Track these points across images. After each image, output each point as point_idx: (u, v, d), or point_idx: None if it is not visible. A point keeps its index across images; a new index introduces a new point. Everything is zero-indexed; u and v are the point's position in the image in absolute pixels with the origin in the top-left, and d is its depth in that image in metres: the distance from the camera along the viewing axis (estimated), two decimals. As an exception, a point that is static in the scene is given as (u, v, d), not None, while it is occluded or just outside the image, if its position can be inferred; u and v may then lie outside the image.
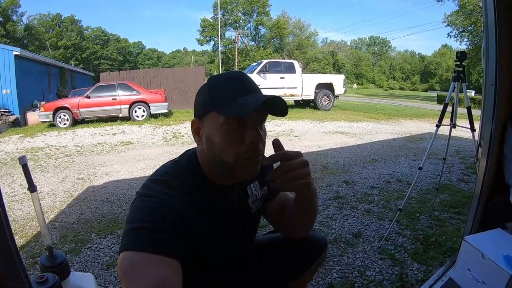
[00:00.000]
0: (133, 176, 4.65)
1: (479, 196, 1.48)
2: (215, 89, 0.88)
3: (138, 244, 0.73)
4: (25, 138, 8.36)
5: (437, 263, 2.19)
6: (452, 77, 2.46)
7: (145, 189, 0.86)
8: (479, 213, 1.50)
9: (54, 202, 3.66)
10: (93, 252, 2.50)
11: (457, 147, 6.05)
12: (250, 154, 0.86)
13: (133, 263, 0.71)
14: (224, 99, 0.85)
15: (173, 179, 0.88)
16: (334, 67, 61.82)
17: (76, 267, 2.29)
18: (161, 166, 0.97)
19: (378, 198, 3.47)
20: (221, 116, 0.83)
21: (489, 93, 1.34)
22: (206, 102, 0.88)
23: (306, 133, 8.19)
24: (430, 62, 71.78)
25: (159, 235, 0.74)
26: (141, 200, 0.82)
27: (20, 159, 1.29)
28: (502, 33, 1.30)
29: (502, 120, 1.36)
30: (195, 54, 72.84)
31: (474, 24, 28.48)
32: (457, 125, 2.53)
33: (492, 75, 1.31)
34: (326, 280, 2.06)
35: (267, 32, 53.34)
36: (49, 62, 17.96)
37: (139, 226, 0.75)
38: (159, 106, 10.97)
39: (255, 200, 1.08)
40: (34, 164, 5.50)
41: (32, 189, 1.33)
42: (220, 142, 0.85)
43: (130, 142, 7.49)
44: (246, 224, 1.07)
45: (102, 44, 61.26)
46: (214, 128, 0.86)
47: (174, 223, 0.78)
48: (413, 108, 16.07)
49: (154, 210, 0.79)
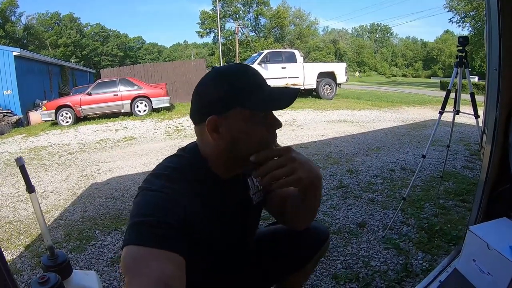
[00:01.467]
0: (136, 171, 4.66)
1: (484, 185, 1.45)
2: (234, 82, 0.84)
3: (142, 238, 0.72)
4: (28, 137, 8.39)
5: (442, 252, 2.17)
6: (454, 63, 2.41)
7: (147, 184, 0.84)
8: (484, 202, 1.47)
9: (58, 201, 3.67)
10: (98, 249, 2.51)
11: (461, 134, 5.99)
12: (271, 142, 0.89)
13: (136, 258, 0.70)
14: (246, 92, 0.83)
15: (175, 173, 0.87)
16: (336, 56, 61.46)
17: (81, 264, 2.30)
18: (163, 160, 0.95)
19: (382, 186, 3.45)
20: (247, 110, 0.82)
21: (493, 79, 1.31)
22: (226, 97, 0.83)
23: (309, 122, 8.15)
24: (432, 48, 71.00)
25: (163, 230, 0.73)
26: (143, 194, 0.81)
27: (17, 160, 1.28)
28: (505, 17, 1.26)
29: (506, 106, 1.33)
30: (195, 47, 72.64)
31: (476, 9, 28.15)
32: (460, 112, 2.49)
33: (495, 60, 1.27)
34: (330, 271, 2.05)
35: (267, 22, 53.02)
36: (49, 61, 17.96)
37: (142, 220, 0.74)
38: (161, 100, 10.96)
39: (257, 191, 1.07)
40: (38, 164, 5.52)
41: (30, 190, 1.32)
42: (249, 136, 0.84)
43: (132, 137, 7.49)
44: (248, 216, 1.06)
45: (102, 40, 61.00)
46: (239, 124, 0.84)
47: (177, 217, 0.77)
48: (416, 95, 15.94)
49: (157, 205, 0.77)
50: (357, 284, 1.91)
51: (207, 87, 0.87)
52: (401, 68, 73.44)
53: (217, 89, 0.84)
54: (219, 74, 0.87)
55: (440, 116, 2.50)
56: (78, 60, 51.00)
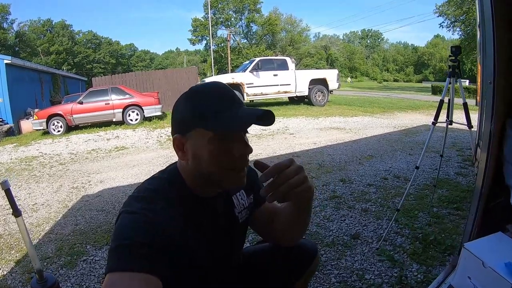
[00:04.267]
0: (127, 183, 4.60)
1: (479, 198, 1.45)
2: (198, 102, 0.86)
3: (118, 264, 0.73)
4: (19, 147, 8.26)
5: (437, 263, 2.16)
6: (447, 73, 2.42)
7: (127, 207, 0.84)
8: (479, 215, 1.47)
9: (49, 213, 3.61)
10: (89, 264, 2.46)
11: (453, 139, 6.02)
12: (239, 166, 0.86)
13: (110, 285, 0.70)
14: (211, 113, 0.83)
15: (154, 194, 0.87)
16: (328, 62, 61.91)
17: (73, 281, 2.25)
18: (142, 182, 0.95)
19: (375, 196, 3.45)
20: (209, 132, 0.82)
21: (488, 92, 1.31)
22: (188, 117, 0.86)
23: (301, 130, 8.15)
24: (423, 53, 71.89)
25: (139, 251, 0.74)
26: (122, 217, 0.82)
27: (2, 184, 1.25)
28: (499, 31, 1.26)
29: (500, 119, 1.33)
30: (187, 54, 72.70)
31: (466, 13, 28.54)
32: (453, 122, 2.50)
33: (490, 73, 1.27)
34: (324, 285, 2.03)
35: (259, 29, 53.19)
36: (41, 68, 17.82)
37: (119, 244, 0.75)
38: (153, 109, 10.92)
39: (243, 209, 1.07)
40: (29, 174, 5.43)
41: (16, 214, 1.29)
42: (209, 157, 0.84)
43: (124, 147, 7.43)
44: (233, 234, 1.05)
45: (94, 47, 60.87)
46: (201, 144, 0.84)
47: (156, 238, 0.77)
48: (407, 100, 16.09)
49: (134, 227, 0.78)
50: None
51: (177, 106, 0.90)
52: (392, 73, 74.21)
53: (183, 109, 0.88)
54: (189, 94, 0.89)
55: (434, 127, 2.51)
56: (70, 67, 50.75)
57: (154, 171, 0.98)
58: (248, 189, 1.09)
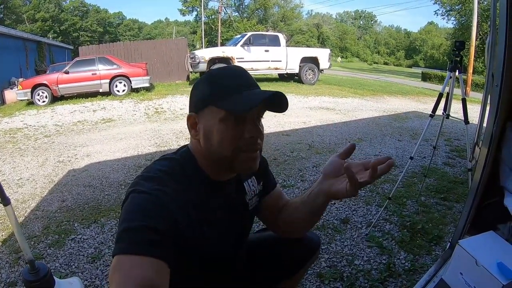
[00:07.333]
0: (115, 157, 4.53)
1: (474, 196, 1.47)
2: (215, 83, 0.87)
3: (125, 247, 0.71)
4: (3, 118, 8.02)
5: (424, 252, 2.21)
6: (449, 67, 2.41)
7: (135, 186, 0.82)
8: (472, 213, 1.49)
9: (35, 189, 3.54)
10: (77, 243, 2.43)
11: (442, 128, 6.07)
12: (249, 147, 0.86)
13: (118, 268, 0.69)
14: (225, 93, 0.84)
15: (166, 176, 0.85)
16: (319, 40, 61.26)
17: (61, 261, 2.22)
18: (152, 163, 0.93)
19: (365, 181, 3.47)
20: (222, 110, 0.83)
21: (494, 95, 1.30)
22: (205, 96, 0.87)
23: (290, 108, 7.88)
24: (415, 39, 71.34)
25: (146, 234, 0.72)
26: (132, 197, 0.80)
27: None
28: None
29: (502, 121, 1.33)
30: (177, 25, 70.77)
31: (462, 3, 28.43)
32: (450, 116, 2.52)
33: (498, 76, 1.26)
34: (315, 269, 2.06)
35: (251, 2, 52.00)
36: (26, 36, 17.17)
37: (127, 226, 0.73)
38: (140, 80, 10.72)
39: (253, 196, 1.07)
40: (13, 147, 5.30)
41: (5, 202, 1.23)
42: (219, 136, 0.84)
43: (111, 119, 7.29)
44: (243, 221, 1.05)
45: (81, 15, 58.46)
46: (213, 122, 0.85)
47: (165, 222, 0.76)
48: (397, 85, 16.10)
49: (144, 209, 0.76)
50: (341, 284, 1.93)
51: (194, 89, 0.91)
52: (383, 56, 73.83)
53: (200, 90, 0.89)
54: (208, 74, 0.91)
55: (431, 119, 2.52)
56: (56, 35, 48.78)
57: (142, 145, 0.96)
58: (259, 176, 1.09)
